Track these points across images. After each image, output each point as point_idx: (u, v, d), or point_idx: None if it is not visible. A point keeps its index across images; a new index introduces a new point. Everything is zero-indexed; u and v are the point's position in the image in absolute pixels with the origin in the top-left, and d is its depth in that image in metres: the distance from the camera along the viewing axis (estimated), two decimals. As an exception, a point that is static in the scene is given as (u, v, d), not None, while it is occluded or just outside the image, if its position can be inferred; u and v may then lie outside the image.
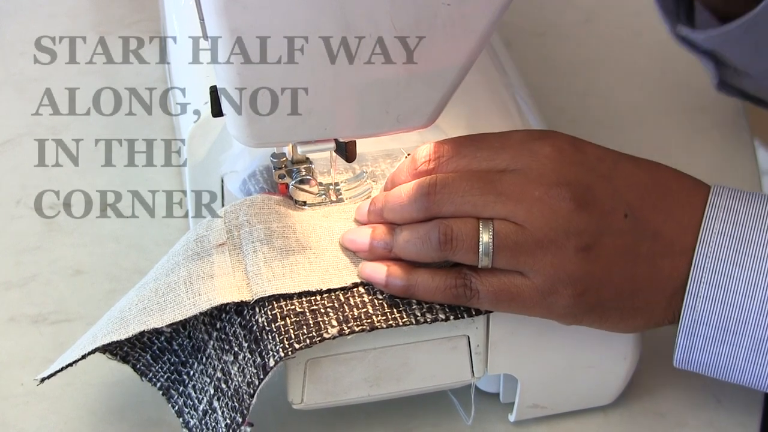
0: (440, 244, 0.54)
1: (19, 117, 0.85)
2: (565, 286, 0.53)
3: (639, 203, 0.55)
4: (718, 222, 0.54)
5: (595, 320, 0.55)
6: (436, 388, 0.60)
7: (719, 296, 0.54)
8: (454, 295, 0.55)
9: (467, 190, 0.54)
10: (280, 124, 0.53)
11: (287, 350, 0.53)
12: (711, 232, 0.54)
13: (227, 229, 0.58)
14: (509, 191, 0.54)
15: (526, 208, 0.53)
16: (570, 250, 0.53)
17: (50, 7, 0.97)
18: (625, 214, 0.54)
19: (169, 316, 0.55)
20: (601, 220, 0.53)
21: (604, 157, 0.56)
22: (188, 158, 0.66)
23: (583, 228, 0.53)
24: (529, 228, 0.53)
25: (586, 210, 0.53)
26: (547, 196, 0.53)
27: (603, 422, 0.64)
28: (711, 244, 0.54)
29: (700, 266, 0.54)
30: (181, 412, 0.58)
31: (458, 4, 0.49)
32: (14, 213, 0.77)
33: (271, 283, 0.55)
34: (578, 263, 0.53)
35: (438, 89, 0.54)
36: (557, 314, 0.55)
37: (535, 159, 0.54)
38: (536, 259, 0.53)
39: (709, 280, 0.54)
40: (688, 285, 0.54)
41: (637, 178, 0.55)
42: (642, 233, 0.54)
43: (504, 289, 0.54)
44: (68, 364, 0.57)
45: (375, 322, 0.54)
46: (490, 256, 0.53)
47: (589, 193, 0.54)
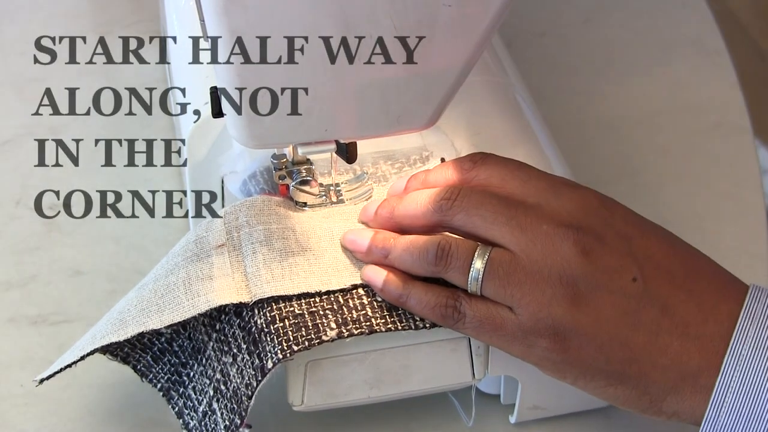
0: (436, 258, 0.54)
1: (19, 117, 0.85)
2: (547, 328, 0.51)
3: (654, 273, 0.52)
4: (752, 331, 0.50)
5: (579, 377, 0.53)
6: (436, 389, 0.60)
7: (745, 411, 0.50)
8: (441, 315, 0.54)
9: (483, 204, 0.54)
10: (281, 125, 0.53)
11: (285, 352, 0.53)
12: (744, 341, 0.50)
13: (227, 230, 0.58)
14: (520, 218, 0.53)
15: (529, 238, 0.52)
16: (559, 294, 0.51)
17: (50, 7, 0.97)
18: (634, 278, 0.52)
19: (167, 317, 0.55)
20: (602, 275, 0.52)
21: (632, 222, 0.54)
22: (188, 158, 0.66)
23: (579, 276, 0.51)
24: (525, 259, 0.52)
25: (588, 259, 0.52)
26: (553, 233, 0.52)
27: (604, 423, 0.64)
28: (743, 354, 0.50)
29: (729, 375, 0.50)
30: (181, 413, 0.58)
31: (459, 4, 0.49)
32: (14, 213, 0.77)
33: (270, 285, 0.55)
34: (565, 309, 0.51)
35: (438, 90, 0.54)
36: (537, 357, 0.53)
37: (558, 199, 0.54)
38: (524, 292, 0.52)
39: (737, 392, 0.50)
40: (713, 395, 0.50)
41: (662, 251, 0.53)
42: (649, 302, 0.52)
43: (489, 318, 0.53)
44: (67, 365, 0.56)
45: (374, 325, 0.54)
46: (479, 282, 0.53)
47: (597, 244, 0.52)
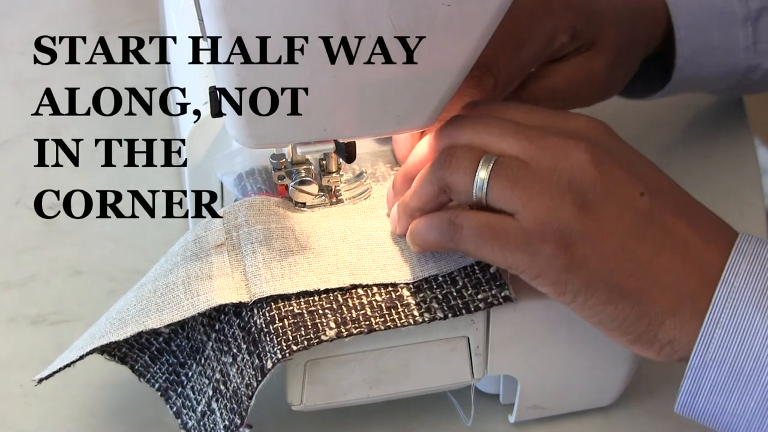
0: (441, 162, 0.53)
1: (19, 117, 0.85)
2: (553, 231, 0.50)
3: (660, 196, 0.52)
4: (745, 264, 0.50)
5: (581, 290, 0.51)
6: (435, 389, 0.60)
7: (735, 342, 0.50)
8: (440, 231, 0.53)
9: (490, 124, 0.54)
10: (280, 124, 0.53)
11: (285, 352, 0.53)
12: (737, 272, 0.50)
13: (226, 229, 0.58)
14: (529, 132, 0.52)
15: (538, 147, 0.52)
16: (568, 200, 0.50)
17: (50, 7, 0.97)
18: (641, 192, 0.51)
19: (167, 316, 0.55)
20: (612, 186, 0.51)
21: (636, 153, 0.54)
22: (188, 158, 0.66)
23: (590, 183, 0.51)
24: (533, 166, 0.51)
25: (599, 168, 0.51)
26: (563, 143, 0.51)
27: (603, 423, 0.64)
28: (735, 284, 0.50)
29: (719, 308, 0.50)
30: (180, 413, 0.58)
31: (458, 4, 0.49)
32: (14, 213, 0.77)
33: (270, 284, 0.55)
34: (573, 214, 0.50)
35: (438, 89, 0.54)
36: (539, 266, 0.51)
37: (566, 122, 0.54)
38: (531, 196, 0.51)
39: (726, 324, 0.50)
40: (703, 325, 0.50)
41: (666, 183, 0.53)
42: (655, 219, 0.51)
43: (489, 225, 0.52)
44: (66, 364, 0.56)
45: (373, 324, 0.54)
46: (485, 184, 0.52)
47: (608, 157, 0.52)
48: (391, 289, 0.56)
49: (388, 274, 0.56)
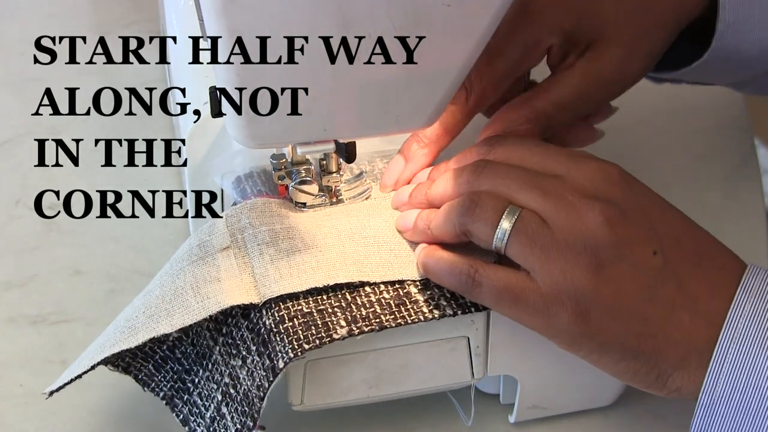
0: (465, 208, 0.54)
1: (19, 117, 0.85)
2: (569, 297, 0.52)
3: (672, 248, 0.53)
4: (749, 305, 0.51)
5: (595, 350, 0.53)
6: (435, 389, 0.60)
7: (742, 380, 0.51)
8: (458, 281, 0.54)
9: (509, 174, 0.54)
10: (280, 124, 0.53)
11: (296, 351, 0.53)
12: (741, 314, 0.51)
13: (230, 232, 0.58)
14: (546, 186, 0.53)
15: (555, 206, 0.53)
16: (583, 263, 0.52)
17: (50, 7, 0.97)
18: (654, 251, 0.52)
19: (178, 321, 0.55)
20: (625, 247, 0.52)
21: (650, 198, 0.55)
22: (188, 158, 0.66)
23: (604, 245, 0.52)
24: (551, 224, 0.52)
25: (613, 229, 0.52)
26: (578, 203, 0.52)
27: (603, 423, 0.64)
28: (739, 326, 0.51)
29: (725, 347, 0.51)
30: (187, 420, 0.57)
31: (458, 4, 0.49)
32: (14, 213, 0.77)
33: (279, 284, 0.55)
34: (588, 278, 0.52)
35: (438, 89, 0.54)
36: (556, 329, 0.53)
37: (580, 171, 0.54)
38: (548, 257, 0.52)
39: (733, 362, 0.51)
40: (710, 364, 0.51)
41: (677, 227, 0.54)
42: (667, 277, 0.52)
43: (508, 288, 0.53)
44: (77, 375, 0.56)
45: (384, 321, 0.54)
46: (506, 237, 0.53)
47: (621, 216, 0.52)
48: (399, 287, 0.56)
49: (395, 271, 0.57)
